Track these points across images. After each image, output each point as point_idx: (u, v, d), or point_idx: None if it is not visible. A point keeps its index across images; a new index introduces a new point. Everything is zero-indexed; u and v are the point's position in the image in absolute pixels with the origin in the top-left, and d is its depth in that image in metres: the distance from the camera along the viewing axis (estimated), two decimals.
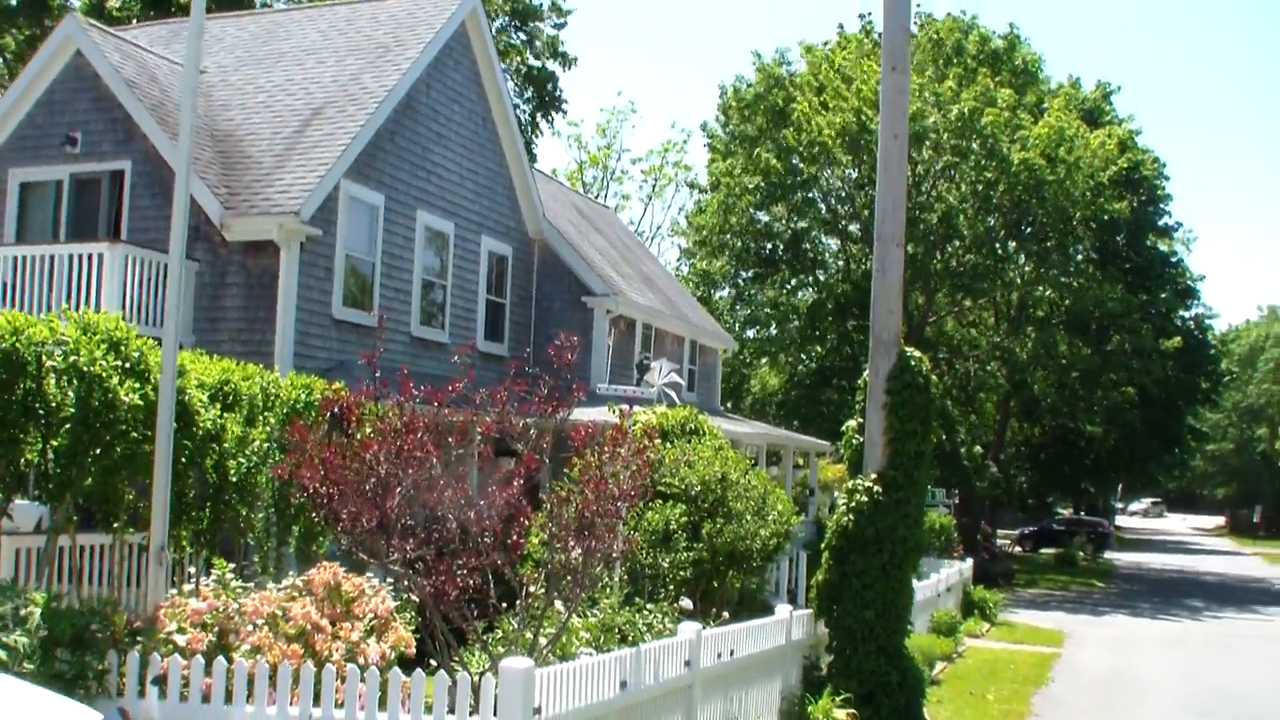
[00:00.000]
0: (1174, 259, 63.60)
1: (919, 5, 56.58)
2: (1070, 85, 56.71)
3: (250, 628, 9.98)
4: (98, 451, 11.65)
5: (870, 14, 55.03)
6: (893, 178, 16.95)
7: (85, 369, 11.42)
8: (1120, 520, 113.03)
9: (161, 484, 11.27)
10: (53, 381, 11.27)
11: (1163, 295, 61.20)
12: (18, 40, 48.46)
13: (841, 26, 56.91)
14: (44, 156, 22.81)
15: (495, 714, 8.78)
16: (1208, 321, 70.66)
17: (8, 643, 8.78)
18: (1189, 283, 65.25)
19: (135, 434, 11.77)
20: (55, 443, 11.37)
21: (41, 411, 11.36)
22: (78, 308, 19.02)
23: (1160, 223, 62.49)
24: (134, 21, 44.64)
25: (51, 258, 20.13)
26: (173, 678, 9.17)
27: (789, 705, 15.11)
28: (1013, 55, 53.14)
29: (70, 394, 11.33)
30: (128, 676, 9.26)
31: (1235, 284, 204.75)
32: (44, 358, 11.22)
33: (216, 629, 9.88)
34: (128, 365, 11.96)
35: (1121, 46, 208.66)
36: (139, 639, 9.70)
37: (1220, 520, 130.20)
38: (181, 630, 9.78)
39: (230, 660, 9.27)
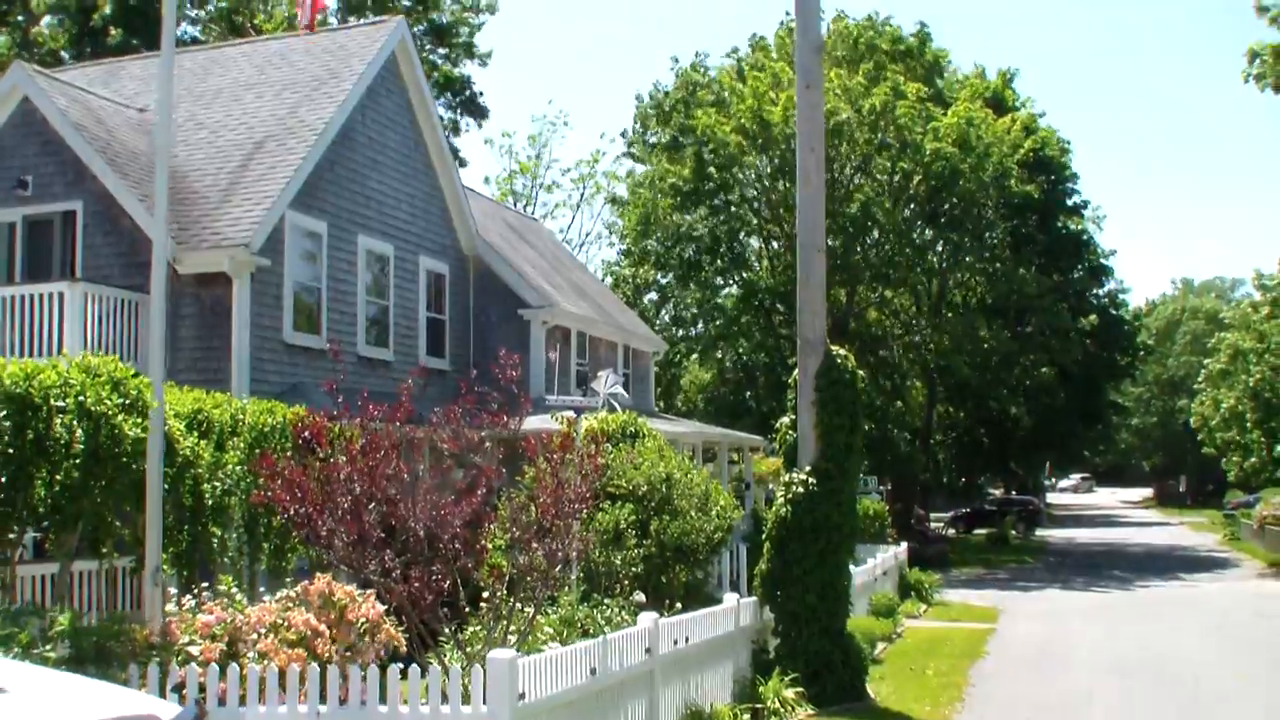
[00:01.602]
0: (1085, 238, 65.37)
1: (834, 4, 58.16)
2: (976, 75, 58.31)
3: (255, 636, 10.99)
4: (103, 483, 12.61)
5: (789, 13, 56.41)
6: (812, 190, 18.12)
7: (92, 408, 12.40)
8: (1051, 497, 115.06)
9: (155, 510, 12.24)
10: (59, 421, 12.21)
11: (1076, 274, 63.03)
12: None
13: (754, 35, 58.21)
14: None
15: (484, 701, 9.82)
16: (1121, 297, 72.83)
17: (48, 656, 9.76)
18: (1101, 260, 67.08)
19: (135, 465, 12.72)
20: (60, 476, 12.30)
21: (50, 449, 12.29)
22: (39, 346, 19.98)
23: (1069, 202, 64.24)
24: (61, 52, 45.28)
25: (7, 299, 20.88)
26: (190, 685, 10.13)
27: (741, 687, 16.23)
28: (924, 51, 54.71)
29: (79, 431, 12.27)
30: (149, 686, 10.20)
31: (1152, 258, 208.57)
32: (52, 399, 12.17)
33: (226, 639, 10.91)
34: (128, 402, 12.94)
35: (1023, 33, 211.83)
36: (155, 651, 10.69)
37: (1148, 492, 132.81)
38: (194, 642, 10.80)
39: (242, 666, 10.25)
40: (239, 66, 28.01)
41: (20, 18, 48.22)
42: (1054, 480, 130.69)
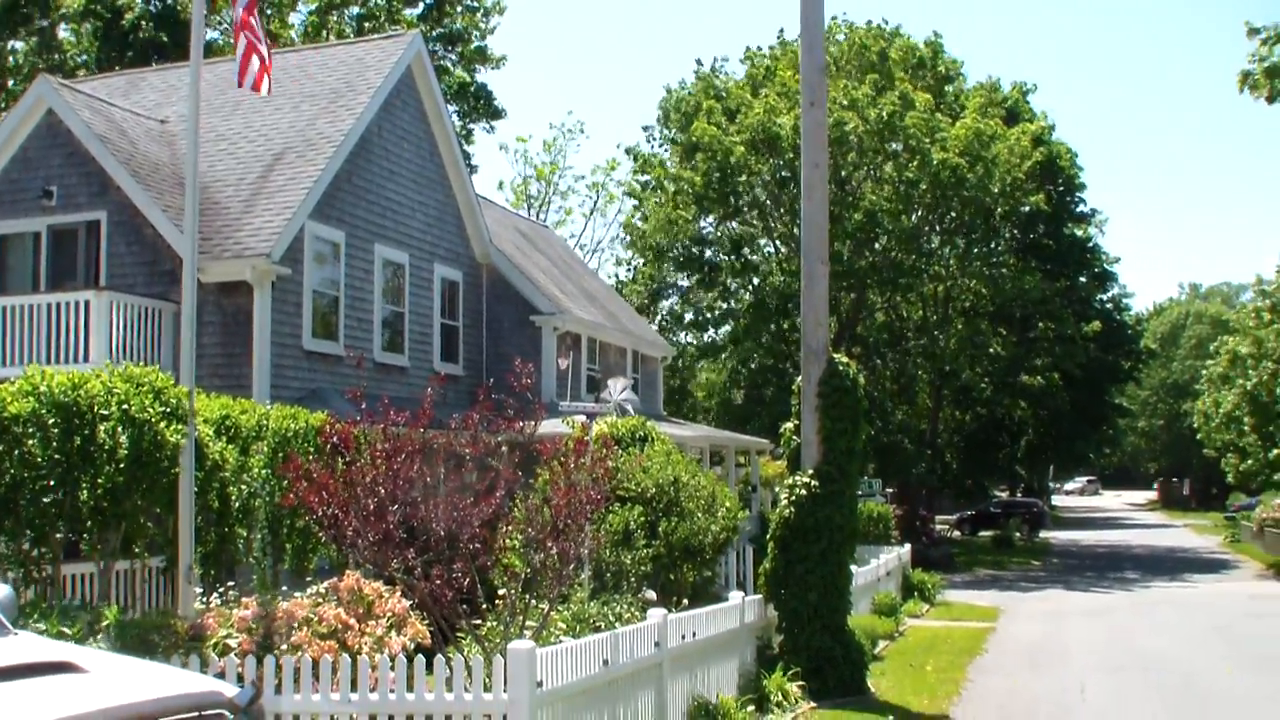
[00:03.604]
0: (1090, 244, 65.94)
1: (842, 14, 58.82)
2: (989, 86, 58.78)
3: (288, 629, 11.68)
4: (144, 486, 13.32)
5: (783, 29, 57.11)
6: (815, 204, 18.77)
7: (136, 416, 13.11)
8: (1056, 500, 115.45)
9: (187, 511, 12.94)
10: (103, 428, 12.92)
11: (1081, 280, 63.54)
12: None
13: (759, 48, 58.87)
14: (21, 210, 24.21)
15: (505, 689, 10.49)
16: (1125, 302, 73.41)
17: (98, 647, 10.45)
18: (1105, 266, 67.66)
19: (174, 470, 13.42)
20: (103, 480, 13.01)
21: (95, 454, 13.01)
22: (65, 354, 20.71)
23: (1077, 210, 64.83)
24: (86, 63, 46.05)
25: (34, 307, 21.60)
26: (229, 674, 10.78)
27: (746, 680, 16.88)
28: (936, 62, 55.29)
29: (123, 437, 12.98)
30: None
31: (1160, 262, 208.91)
32: (97, 407, 12.89)
33: (261, 632, 11.59)
34: (168, 410, 13.65)
35: (1037, 42, 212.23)
36: (195, 643, 11.38)
37: (1153, 494, 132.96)
38: (231, 634, 11.49)
39: (277, 657, 10.92)
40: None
41: (44, 22, 49.01)
42: (1059, 483, 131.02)
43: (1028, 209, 53.53)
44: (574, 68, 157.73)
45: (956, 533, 66.84)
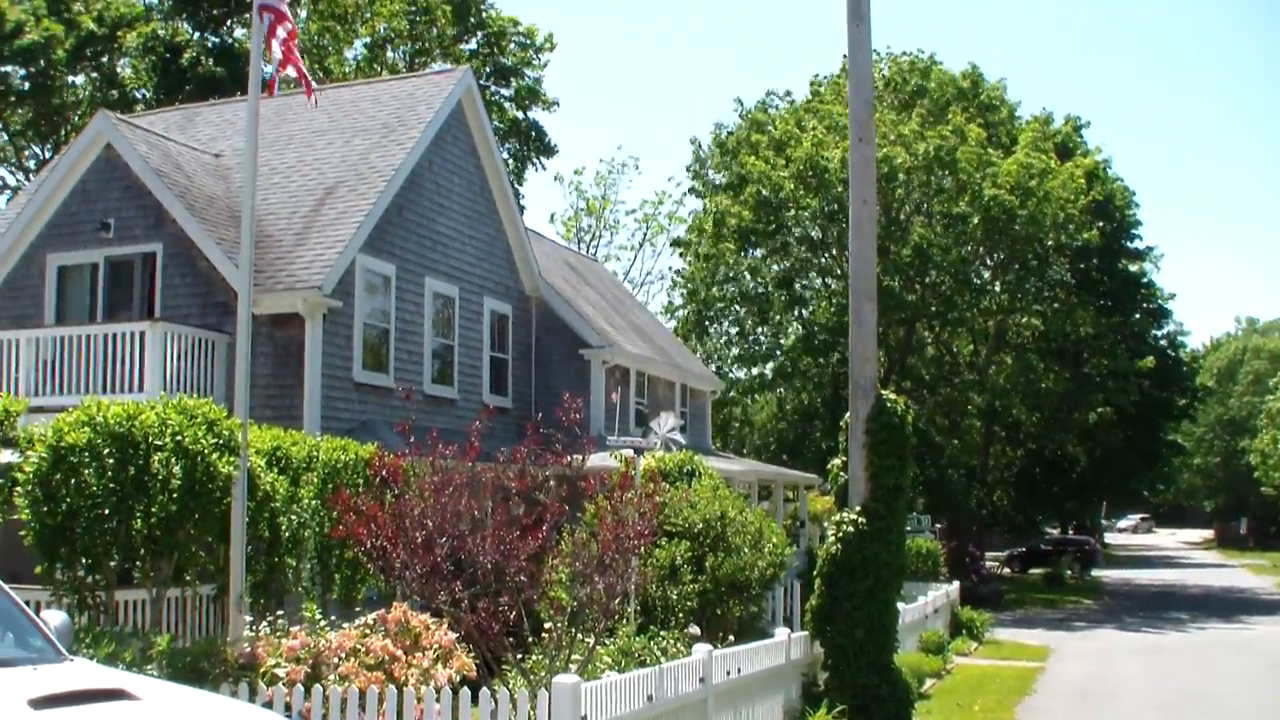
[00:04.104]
0: (1144, 280, 65.52)
1: (890, 48, 58.83)
2: (1042, 120, 58.55)
3: (336, 660, 11.80)
4: (196, 516, 13.51)
5: (818, 75, 57.11)
6: (864, 240, 18.80)
7: (190, 447, 13.32)
8: (1109, 538, 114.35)
9: (238, 541, 13.10)
10: (157, 459, 13.12)
11: (1136, 316, 63.16)
12: (22, 119, 50.40)
13: (817, 76, 59.04)
14: (79, 242, 24.60)
15: None
16: (1180, 339, 72.81)
17: (149, 673, 10.59)
18: (1160, 303, 67.21)
19: (224, 500, 13.60)
20: (157, 510, 13.21)
21: (149, 484, 13.22)
22: (120, 383, 21.00)
23: (1130, 246, 64.45)
24: (145, 97, 46.79)
25: (90, 337, 21.92)
26: (277, 703, 10.91)
27: (790, 718, 16.88)
28: (977, 92, 55.15)
29: (177, 468, 13.19)
30: None
31: (1216, 296, 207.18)
32: (151, 438, 13.10)
33: (309, 662, 11.71)
34: (220, 441, 13.85)
35: (1090, 75, 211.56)
36: (245, 672, 11.51)
37: (1209, 533, 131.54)
38: (279, 664, 11.62)
39: (325, 687, 11.02)
40: (311, 113, 28.99)
41: (104, 59, 49.86)
42: (1112, 520, 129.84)
43: (1080, 244, 53.16)
44: (622, 101, 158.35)
45: (1007, 570, 66.36)
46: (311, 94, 14.90)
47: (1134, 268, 64.55)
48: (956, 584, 35.17)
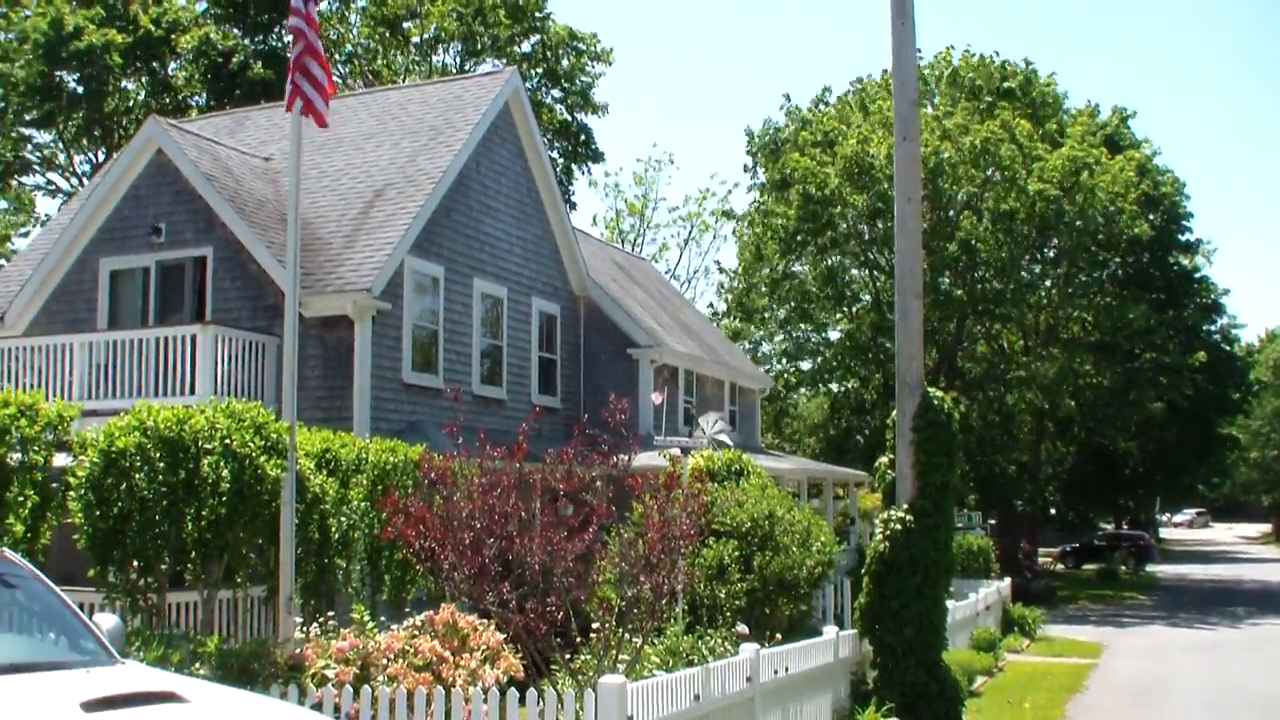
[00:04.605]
0: (1197, 274, 64.99)
1: (933, 42, 58.55)
2: (1088, 113, 58.16)
3: (385, 661, 11.91)
4: (246, 518, 13.67)
5: (867, 74, 56.86)
6: (909, 238, 18.77)
7: (238, 450, 13.48)
8: (1164, 532, 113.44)
9: (288, 543, 13.23)
10: (206, 462, 13.29)
11: (1188, 310, 62.66)
12: (76, 125, 51.02)
13: (867, 76, 58.87)
14: (131, 246, 24.86)
15: None
16: (1234, 333, 72.19)
17: (199, 675, 10.73)
18: (1214, 297, 66.65)
19: (273, 502, 13.75)
20: (207, 513, 13.39)
21: (199, 487, 13.39)
22: (171, 386, 21.22)
23: (1182, 239, 63.93)
24: (197, 103, 47.36)
25: (142, 341, 22.15)
26: (326, 705, 11.02)
27: (839, 716, 16.88)
28: (1029, 90, 54.83)
29: (226, 471, 13.35)
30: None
31: (1271, 290, 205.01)
32: (201, 442, 13.28)
33: (358, 663, 11.83)
34: (268, 444, 14.00)
35: (1137, 64, 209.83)
36: (294, 674, 11.63)
37: (1266, 528, 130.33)
38: (329, 665, 11.74)
39: (374, 689, 11.12)
40: (359, 116, 29.23)
41: (154, 64, 50.38)
42: (1167, 515, 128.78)
43: (1131, 238, 52.75)
44: (663, 98, 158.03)
45: (1060, 566, 66.06)
46: (324, 120, 14.83)
47: (1186, 261, 64.03)
48: (1008, 581, 35.05)
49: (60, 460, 14.42)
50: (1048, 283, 53.58)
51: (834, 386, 58.35)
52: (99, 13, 48.46)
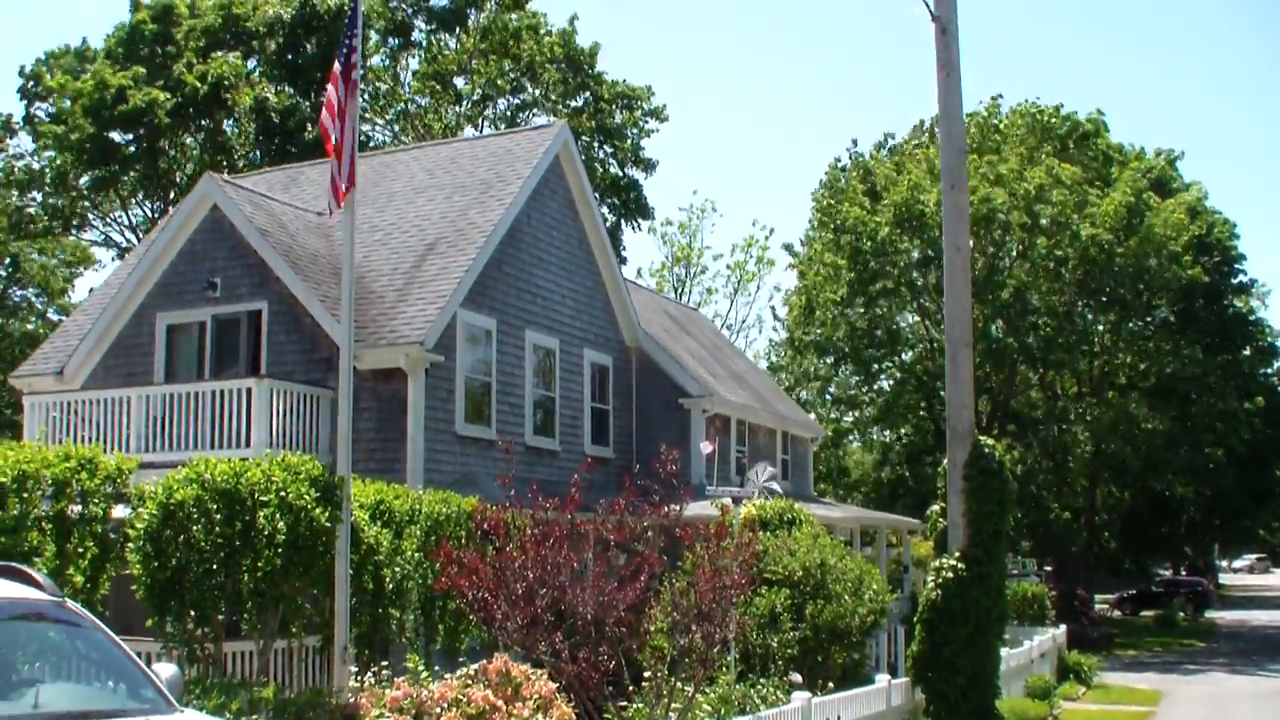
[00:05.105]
0: (1252, 317, 64.43)
1: (972, 87, 58.63)
2: (1135, 155, 57.99)
3: (438, 710, 12.02)
4: (301, 569, 13.86)
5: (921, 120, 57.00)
6: (958, 287, 18.85)
7: (293, 502, 13.69)
8: (1223, 578, 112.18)
9: (342, 594, 13.42)
10: (262, 514, 13.50)
11: (1244, 354, 62.15)
12: (131, 182, 51.80)
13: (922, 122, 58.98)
14: (187, 301, 25.21)
15: None
16: None
17: None
18: (1270, 340, 66.04)
19: (328, 554, 13.94)
20: (263, 564, 13.59)
21: (255, 538, 13.60)
22: (227, 439, 21.50)
23: (1235, 281, 63.48)
24: (253, 159, 48.06)
25: (198, 394, 22.47)
26: None
27: None
28: (1094, 142, 54.74)
29: (281, 523, 13.55)
30: None
31: None
32: (257, 494, 13.50)
33: (413, 712, 11.95)
34: (323, 496, 14.21)
35: (1182, 106, 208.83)
36: None
37: None
38: (383, 714, 11.87)
39: None
40: (410, 171, 29.57)
41: (205, 121, 51.11)
42: (1226, 560, 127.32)
43: (1184, 281, 52.47)
44: (705, 150, 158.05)
45: (1117, 612, 65.44)
46: (340, 200, 15.33)
47: (1240, 304, 63.50)
48: (1063, 627, 34.81)
49: (119, 512, 14.66)
50: (1100, 328, 53.34)
51: (884, 434, 58.25)
52: (139, 72, 49.20)
